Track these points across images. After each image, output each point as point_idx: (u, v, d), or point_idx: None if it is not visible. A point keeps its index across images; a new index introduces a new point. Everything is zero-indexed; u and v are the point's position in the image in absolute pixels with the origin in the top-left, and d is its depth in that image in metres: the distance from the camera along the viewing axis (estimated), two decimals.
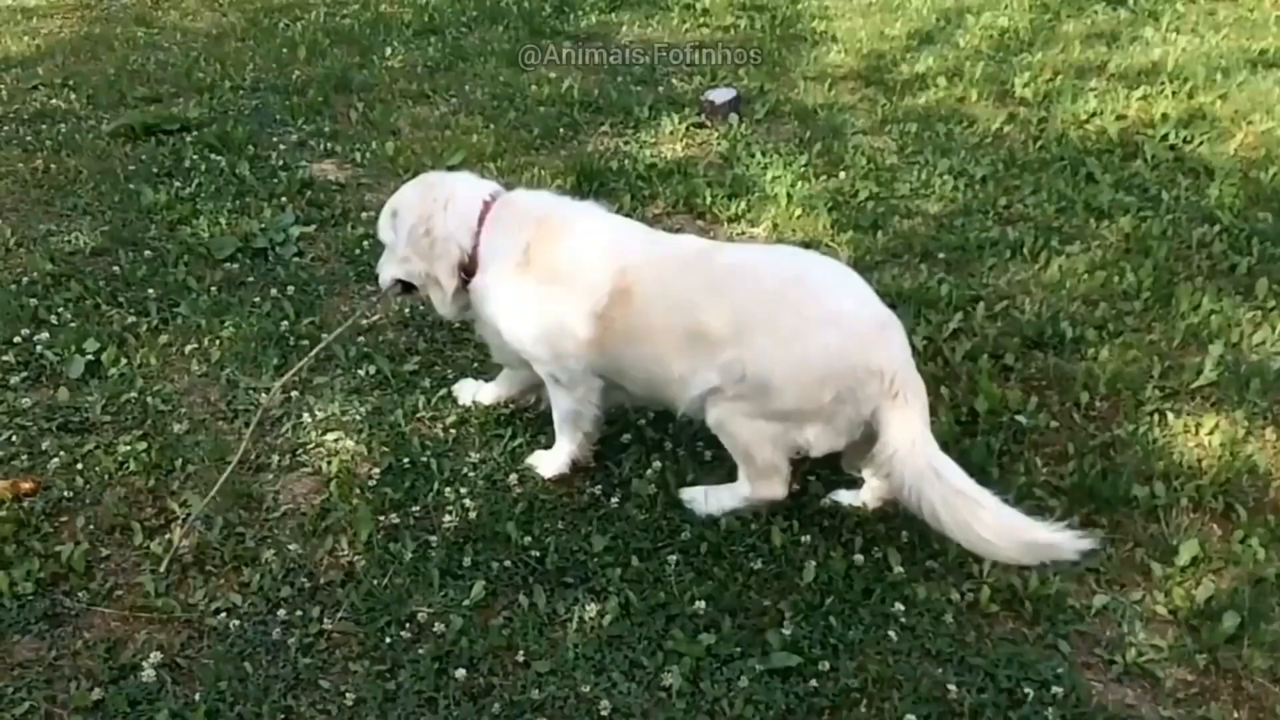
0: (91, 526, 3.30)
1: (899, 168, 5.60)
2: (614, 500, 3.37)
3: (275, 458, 3.60)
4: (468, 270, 3.45)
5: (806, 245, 4.86)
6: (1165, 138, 5.80)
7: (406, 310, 4.40)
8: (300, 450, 3.64)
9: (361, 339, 4.19)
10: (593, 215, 3.46)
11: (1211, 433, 3.62)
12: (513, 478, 3.47)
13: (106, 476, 3.50)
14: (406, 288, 3.60)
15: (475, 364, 4.07)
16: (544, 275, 3.32)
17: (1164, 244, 4.72)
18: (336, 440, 3.67)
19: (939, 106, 6.40)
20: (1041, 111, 6.27)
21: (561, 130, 6.14)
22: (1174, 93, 6.36)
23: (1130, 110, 6.19)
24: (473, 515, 3.31)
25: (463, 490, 3.41)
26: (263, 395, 3.79)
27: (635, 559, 3.15)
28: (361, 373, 4.00)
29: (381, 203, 5.46)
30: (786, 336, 3.00)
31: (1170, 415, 3.70)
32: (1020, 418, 3.65)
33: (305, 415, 3.78)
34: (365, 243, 4.89)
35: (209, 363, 4.08)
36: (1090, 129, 6.01)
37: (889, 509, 3.25)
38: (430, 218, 3.43)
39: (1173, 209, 5.07)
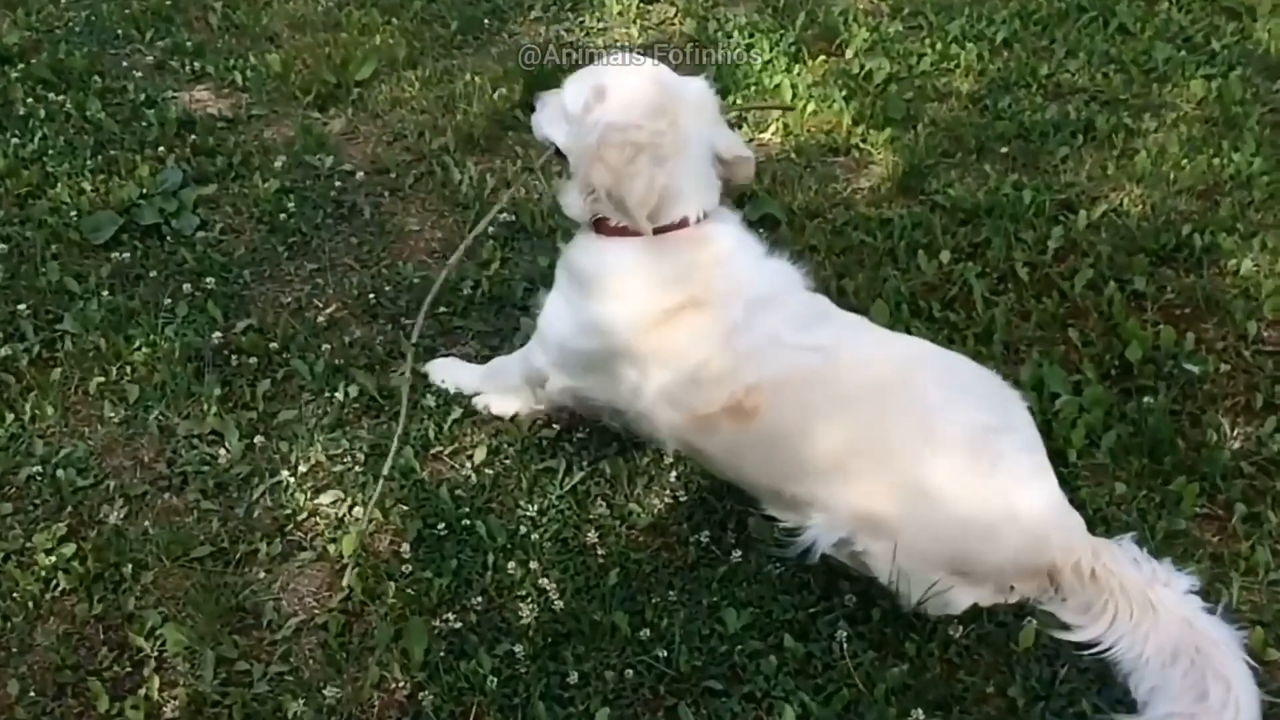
0: (31, 693, 2.36)
1: (904, 36, 4.74)
2: (733, 552, 2.58)
3: (260, 543, 2.67)
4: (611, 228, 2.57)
5: (833, 150, 4.05)
6: None
7: (371, 296, 3.43)
8: (289, 526, 2.72)
9: (327, 346, 3.22)
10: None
11: None
12: (591, 535, 2.64)
13: (32, 605, 2.53)
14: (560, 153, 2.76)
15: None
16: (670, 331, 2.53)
17: (1249, 110, 4.04)
18: (334, 504, 2.76)
19: None
20: None
21: (485, 21, 5.05)
22: None
23: None
24: (557, 602, 2.49)
25: (532, 564, 2.57)
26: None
27: (788, 638, 2.39)
28: (339, 395, 3.05)
29: (288, 139, 4.44)
30: (951, 525, 2.33)
31: None
32: (1189, 366, 2.97)
33: (283, 471, 2.83)
34: (288, 202, 3.84)
35: (126, 403, 3.06)
36: None
37: None
38: (664, 151, 2.48)
39: (1232, 63, 4.39)
